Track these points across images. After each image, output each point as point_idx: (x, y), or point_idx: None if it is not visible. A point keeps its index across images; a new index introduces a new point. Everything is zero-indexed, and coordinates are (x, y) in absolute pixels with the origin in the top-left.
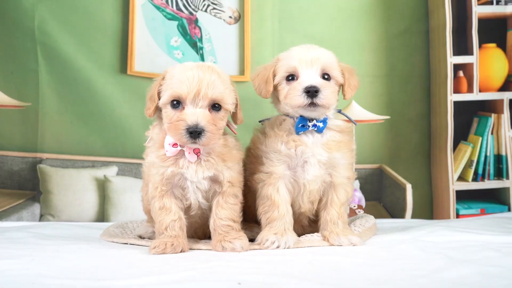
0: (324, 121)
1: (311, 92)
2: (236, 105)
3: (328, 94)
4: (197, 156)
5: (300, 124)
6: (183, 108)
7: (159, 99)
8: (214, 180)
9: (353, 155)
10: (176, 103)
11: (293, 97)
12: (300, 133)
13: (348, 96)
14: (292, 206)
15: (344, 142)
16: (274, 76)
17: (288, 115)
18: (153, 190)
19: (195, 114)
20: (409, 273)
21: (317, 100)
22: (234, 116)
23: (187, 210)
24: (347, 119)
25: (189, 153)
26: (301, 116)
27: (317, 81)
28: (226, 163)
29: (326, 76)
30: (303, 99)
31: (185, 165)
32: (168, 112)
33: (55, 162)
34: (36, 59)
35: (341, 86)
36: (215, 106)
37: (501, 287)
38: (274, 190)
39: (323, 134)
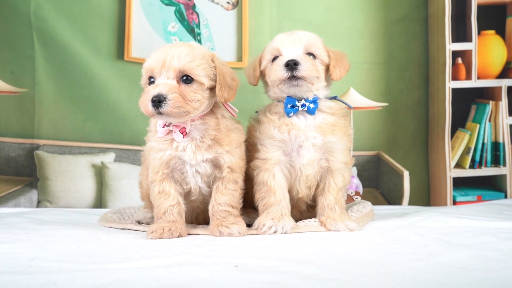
0: (314, 102)
1: (290, 65)
2: (216, 81)
3: (308, 66)
4: (183, 135)
5: (289, 105)
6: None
7: None
8: (215, 164)
9: (350, 140)
10: (153, 80)
11: (274, 72)
12: (291, 115)
13: (335, 76)
14: (289, 191)
15: (339, 126)
16: (260, 63)
17: (279, 101)
18: (153, 174)
19: (160, 84)
20: (405, 257)
21: (297, 73)
22: (216, 93)
23: (187, 195)
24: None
25: (174, 132)
26: (288, 96)
27: (298, 55)
28: (224, 147)
29: (314, 56)
30: (284, 72)
31: (182, 147)
32: (145, 90)
33: (52, 149)
34: (32, 45)
35: (328, 66)
36: (186, 79)
37: (498, 270)
38: (270, 176)
39: (316, 117)
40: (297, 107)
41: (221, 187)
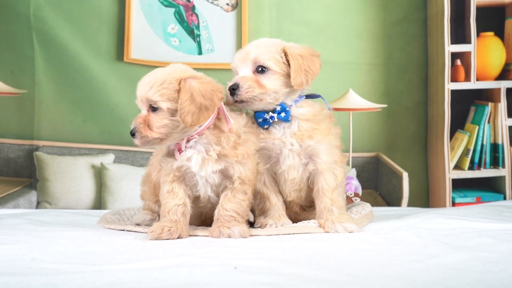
0: (284, 111)
1: (230, 91)
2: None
3: (243, 90)
4: (179, 152)
5: (260, 119)
6: None
7: None
8: (225, 174)
9: (336, 138)
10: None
11: (227, 97)
12: (265, 127)
13: (296, 84)
14: (281, 194)
15: (319, 130)
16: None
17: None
18: (164, 176)
19: (137, 116)
20: (405, 258)
21: (236, 97)
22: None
23: (196, 200)
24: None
25: (174, 150)
26: (255, 112)
27: (243, 77)
28: (232, 159)
29: (264, 68)
30: (230, 98)
31: (186, 157)
32: None
33: (52, 150)
34: (32, 45)
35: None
36: (153, 107)
37: (497, 272)
38: (261, 184)
39: (291, 124)
40: (268, 120)
41: (230, 195)
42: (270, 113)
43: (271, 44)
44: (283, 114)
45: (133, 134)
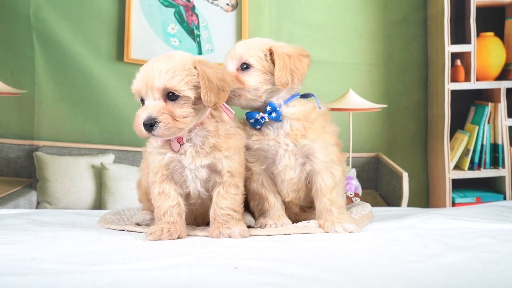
0: (274, 111)
1: None
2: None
3: None
4: (180, 144)
5: (252, 119)
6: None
7: None
8: (213, 169)
9: (332, 136)
10: (141, 100)
11: None
12: (257, 127)
13: (280, 83)
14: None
15: (313, 128)
16: None
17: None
18: (153, 175)
19: (148, 106)
20: (405, 259)
21: None
22: (202, 99)
23: (186, 197)
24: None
25: (172, 141)
26: (246, 112)
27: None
28: (222, 152)
29: (247, 66)
30: None
31: (183, 150)
32: (137, 112)
33: (52, 150)
34: (32, 46)
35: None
36: (172, 95)
37: (497, 272)
38: (259, 185)
39: (283, 124)
40: (260, 121)
41: (223, 191)
42: (261, 114)
43: (258, 43)
44: (274, 114)
45: (151, 125)
